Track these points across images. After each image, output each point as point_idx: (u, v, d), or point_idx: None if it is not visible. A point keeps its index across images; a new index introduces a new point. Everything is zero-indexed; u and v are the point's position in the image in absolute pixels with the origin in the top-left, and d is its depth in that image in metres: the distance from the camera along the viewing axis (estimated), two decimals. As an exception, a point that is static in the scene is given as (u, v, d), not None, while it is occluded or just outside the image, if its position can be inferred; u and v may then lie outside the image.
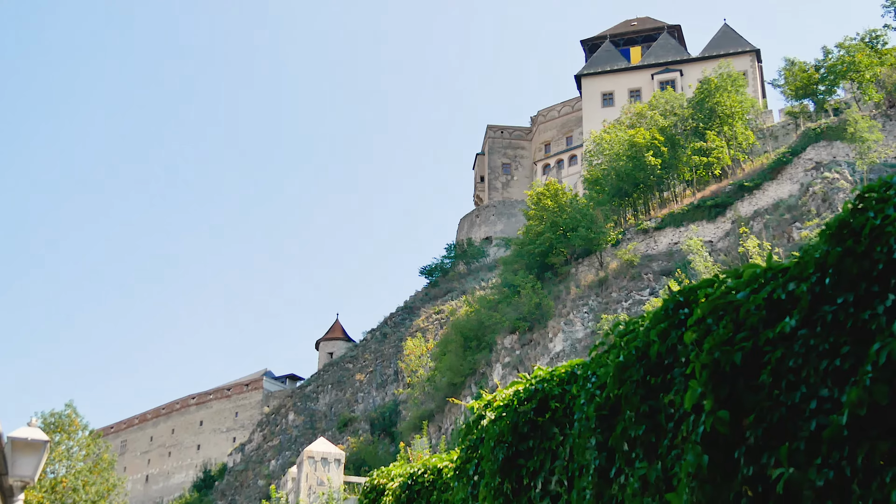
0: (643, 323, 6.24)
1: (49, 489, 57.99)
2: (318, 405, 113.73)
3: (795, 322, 4.73)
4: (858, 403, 4.10)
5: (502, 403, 8.39)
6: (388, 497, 12.13)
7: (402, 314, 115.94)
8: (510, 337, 77.56)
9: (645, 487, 5.80)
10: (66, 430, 62.33)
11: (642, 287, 71.57)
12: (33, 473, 13.78)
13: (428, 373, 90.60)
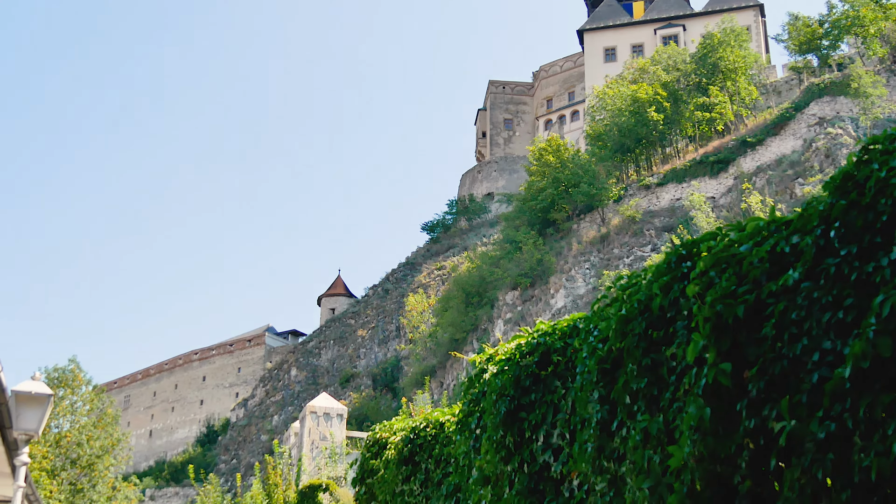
0: (645, 276, 6.22)
1: (53, 443, 58.31)
2: (321, 361, 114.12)
3: (799, 275, 4.72)
4: (861, 356, 4.09)
5: (504, 357, 8.40)
6: (391, 450, 12.18)
7: (403, 270, 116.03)
8: (512, 293, 77.65)
9: (646, 440, 5.81)
10: (70, 384, 62.57)
11: (644, 243, 71.53)
12: (37, 427, 13.84)
13: (430, 329, 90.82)
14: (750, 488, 4.84)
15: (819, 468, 4.26)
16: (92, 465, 59.23)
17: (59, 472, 57.66)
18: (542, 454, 7.68)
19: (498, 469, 8.20)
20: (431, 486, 10.91)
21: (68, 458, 58.71)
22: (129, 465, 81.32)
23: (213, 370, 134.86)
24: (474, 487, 8.85)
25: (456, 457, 9.97)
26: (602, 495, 6.51)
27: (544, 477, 7.73)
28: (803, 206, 5.05)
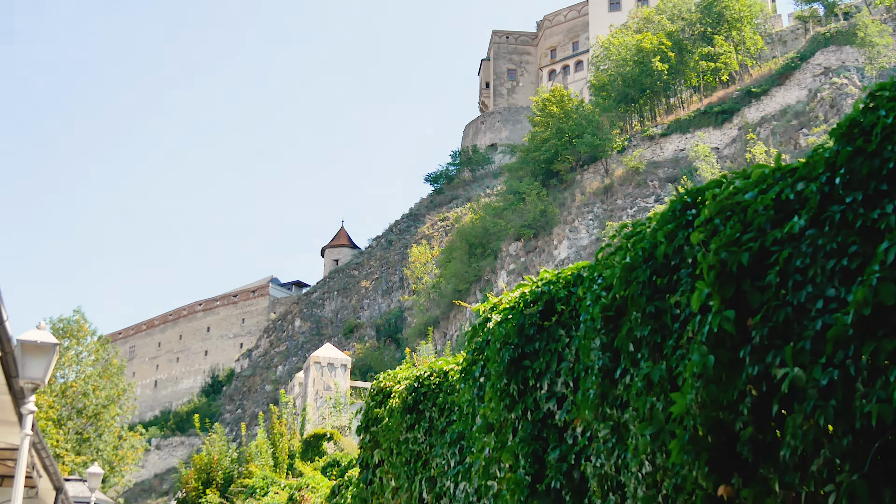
0: (650, 224, 6.22)
1: (59, 393, 58.65)
2: (324, 312, 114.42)
3: (803, 222, 4.72)
4: (864, 303, 4.10)
5: (508, 306, 8.42)
6: (395, 399, 12.24)
7: (407, 221, 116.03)
8: (515, 244, 77.67)
9: (649, 387, 5.84)
10: (75, 335, 62.83)
11: (648, 194, 71.43)
12: (43, 376, 13.90)
13: (433, 280, 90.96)
14: (752, 435, 4.87)
15: (821, 414, 4.29)
16: (98, 414, 59.66)
17: (65, 421, 58.08)
18: (545, 402, 7.72)
19: (501, 417, 8.25)
20: (435, 434, 10.98)
21: (74, 407, 59.10)
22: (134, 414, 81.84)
23: (217, 321, 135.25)
24: (478, 435, 8.91)
25: (460, 405, 10.02)
26: (605, 442, 6.55)
27: (547, 424, 7.78)
28: (809, 154, 5.04)
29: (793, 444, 4.46)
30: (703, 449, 5.19)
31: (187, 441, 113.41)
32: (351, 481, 16.28)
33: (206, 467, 47.27)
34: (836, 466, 4.33)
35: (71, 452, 56.07)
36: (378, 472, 13.12)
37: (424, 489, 11.19)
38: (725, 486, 5.29)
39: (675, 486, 5.66)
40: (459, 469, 10.04)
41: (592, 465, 6.84)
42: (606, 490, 6.67)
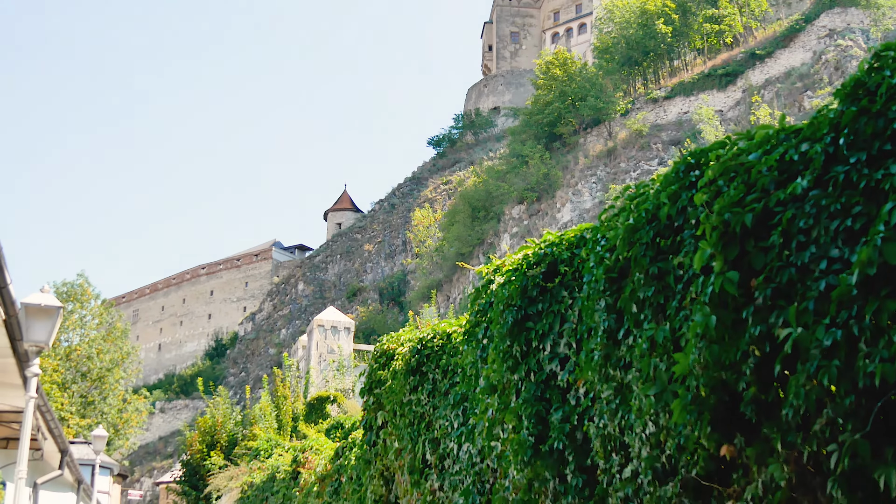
0: (653, 185, 6.21)
1: (64, 357, 58.88)
2: (327, 275, 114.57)
3: (807, 182, 4.71)
4: (868, 263, 4.10)
5: (511, 268, 8.42)
6: (398, 361, 12.27)
7: (409, 185, 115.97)
8: (518, 207, 77.65)
9: (653, 348, 5.85)
10: (79, 299, 63.02)
11: (651, 157, 71.31)
12: (48, 338, 13.95)
13: (436, 243, 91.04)
14: (754, 395, 4.89)
15: (824, 374, 4.30)
16: (102, 378, 59.94)
17: (69, 384, 58.36)
18: (548, 363, 7.74)
19: (505, 378, 8.28)
20: (439, 396, 11.02)
21: (79, 371, 59.36)
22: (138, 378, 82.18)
23: (220, 284, 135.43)
24: (481, 396, 8.94)
25: (463, 367, 10.05)
26: (608, 403, 6.58)
27: (550, 386, 7.81)
28: (813, 115, 5.02)
29: (795, 403, 4.48)
30: (706, 409, 5.21)
31: (191, 404, 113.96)
32: (355, 443, 16.35)
33: (211, 430, 47.50)
34: (839, 426, 4.35)
35: (76, 415, 56.38)
36: (382, 434, 13.19)
37: (428, 450, 11.24)
38: (728, 446, 5.32)
39: (678, 446, 5.69)
40: (463, 430, 10.08)
41: (595, 425, 6.87)
42: (609, 450, 6.70)
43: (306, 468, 21.51)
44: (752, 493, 5.17)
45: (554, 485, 7.68)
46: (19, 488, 14.39)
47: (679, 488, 5.84)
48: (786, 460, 4.82)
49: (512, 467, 8.20)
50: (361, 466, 14.74)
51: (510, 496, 8.49)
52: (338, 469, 17.53)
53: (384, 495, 13.29)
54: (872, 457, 4.23)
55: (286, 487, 23.53)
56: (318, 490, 19.10)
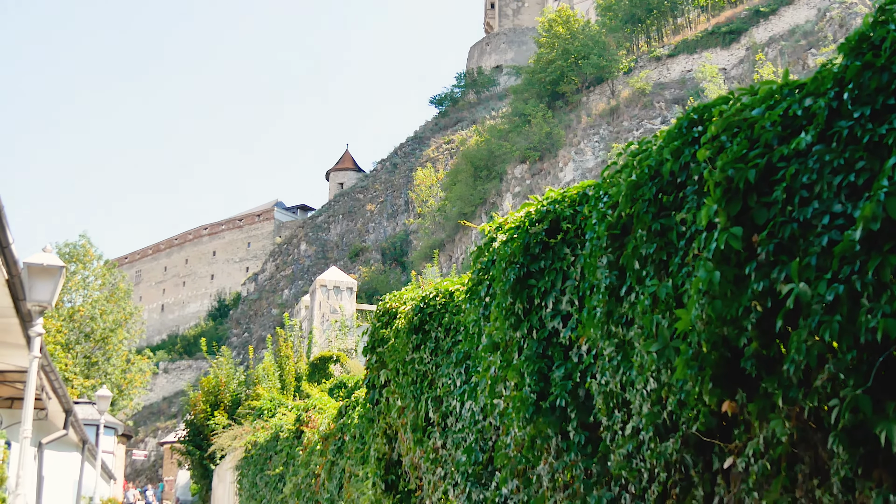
0: (656, 142, 6.19)
1: (67, 318, 59.08)
2: (330, 235, 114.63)
3: (811, 138, 4.69)
4: (872, 218, 4.08)
5: (514, 225, 8.41)
6: (401, 320, 12.29)
7: (412, 144, 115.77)
8: (520, 166, 77.57)
9: (655, 304, 5.86)
10: (81, 259, 63.14)
11: (654, 115, 71.10)
12: (50, 298, 13.99)
13: (438, 203, 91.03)
14: (756, 350, 4.89)
15: (826, 330, 4.30)
16: (105, 338, 60.16)
17: (73, 345, 58.59)
18: (550, 320, 7.74)
19: (507, 336, 8.28)
20: (441, 354, 11.04)
21: (82, 332, 59.58)
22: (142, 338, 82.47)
23: (222, 245, 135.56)
24: (484, 354, 8.96)
25: (465, 325, 10.07)
26: (610, 360, 6.59)
27: (553, 343, 7.82)
28: (817, 70, 4.99)
29: (797, 359, 4.48)
30: (708, 365, 5.22)
31: (195, 364, 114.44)
32: (358, 402, 16.41)
33: (214, 390, 47.75)
34: (840, 381, 4.35)
35: (79, 376, 56.65)
36: (384, 393, 13.23)
37: (430, 408, 11.28)
38: (730, 402, 5.33)
39: (680, 402, 5.70)
40: (465, 388, 10.11)
41: (597, 382, 6.88)
42: (612, 407, 6.72)
43: (309, 427, 21.61)
44: (754, 449, 5.19)
45: (556, 441, 7.71)
46: (24, 448, 14.47)
47: (680, 444, 5.87)
48: (787, 416, 4.83)
49: (514, 424, 8.23)
50: (364, 425, 14.80)
51: (512, 453, 8.53)
52: (341, 428, 17.62)
53: (387, 453, 13.36)
54: (873, 412, 4.23)
55: (289, 446, 23.66)
56: (321, 449, 19.21)
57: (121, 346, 61.88)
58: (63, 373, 52.51)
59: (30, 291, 13.74)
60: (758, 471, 5.18)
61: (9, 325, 14.97)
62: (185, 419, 53.40)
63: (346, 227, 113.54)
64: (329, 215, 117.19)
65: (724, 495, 5.71)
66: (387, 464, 13.36)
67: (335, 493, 17.62)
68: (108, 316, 60.89)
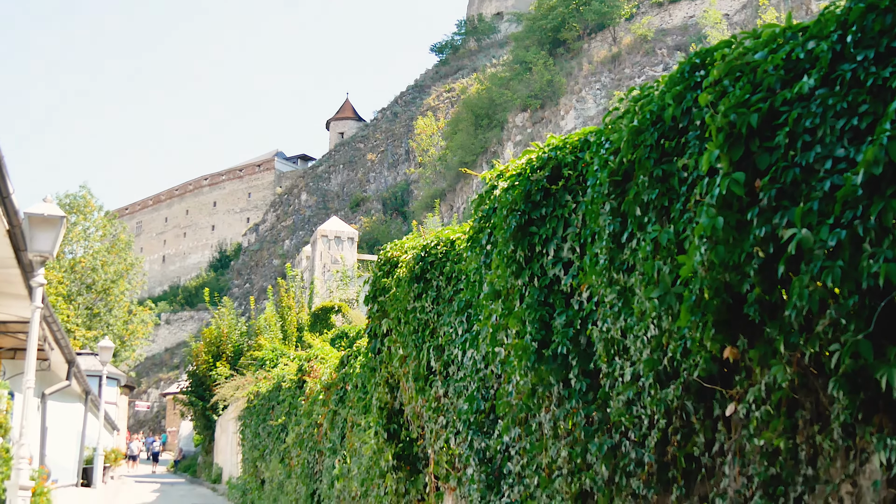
0: (658, 87, 6.14)
1: (68, 269, 59.22)
2: (330, 185, 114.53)
3: (814, 81, 4.64)
4: (874, 162, 4.05)
5: (515, 172, 8.37)
6: (402, 269, 12.28)
7: (412, 93, 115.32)
8: (521, 115, 77.29)
9: (656, 251, 5.84)
10: (82, 211, 63.16)
11: (656, 63, 70.74)
12: (52, 248, 13.99)
13: (439, 152, 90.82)
14: (758, 296, 4.88)
15: (828, 275, 4.28)
16: (107, 289, 60.36)
17: (74, 297, 58.80)
18: (552, 268, 7.73)
19: (508, 284, 8.28)
20: (443, 303, 11.04)
21: (83, 283, 59.77)
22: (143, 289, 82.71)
23: (223, 196, 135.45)
24: (485, 302, 8.96)
25: (467, 273, 10.06)
26: (611, 307, 6.58)
27: (554, 290, 7.81)
28: (821, 12, 4.94)
29: (799, 304, 4.47)
30: (709, 311, 5.21)
31: (196, 315, 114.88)
32: (359, 351, 16.45)
33: (216, 341, 47.97)
34: (842, 326, 4.35)
35: (82, 328, 56.88)
36: (386, 342, 13.26)
37: (432, 357, 11.31)
38: (731, 348, 5.33)
39: (681, 348, 5.70)
40: (467, 337, 10.12)
41: (599, 329, 6.88)
42: (612, 354, 6.73)
43: (312, 377, 21.71)
44: (755, 395, 5.20)
45: (558, 389, 7.73)
46: (27, 398, 14.53)
47: (681, 391, 5.88)
48: (788, 361, 4.84)
49: (516, 372, 8.25)
50: (366, 374, 14.85)
51: (514, 401, 8.56)
52: (343, 377, 17.68)
53: (389, 402, 13.41)
54: (874, 357, 4.23)
55: (292, 396, 23.77)
56: (323, 399, 19.30)
57: (122, 298, 62.08)
58: (65, 324, 52.69)
59: (31, 242, 13.74)
60: (759, 417, 5.20)
61: (10, 276, 14.99)
62: (187, 370, 53.71)
63: (346, 176, 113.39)
64: (330, 165, 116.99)
65: (724, 441, 5.73)
66: (389, 413, 13.42)
67: (337, 442, 17.73)
68: (110, 267, 61.03)
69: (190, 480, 53.26)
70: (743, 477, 5.53)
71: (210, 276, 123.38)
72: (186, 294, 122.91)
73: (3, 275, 15.02)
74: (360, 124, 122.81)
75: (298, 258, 60.93)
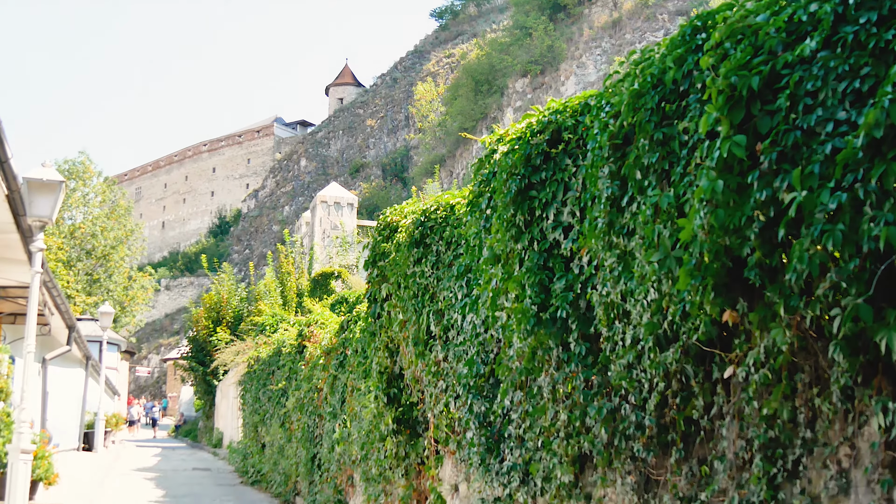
0: (659, 50, 6.11)
1: (68, 235, 59.23)
2: (330, 151, 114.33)
3: (815, 44, 4.62)
4: (875, 124, 4.04)
5: (515, 136, 8.34)
6: (402, 233, 12.28)
7: (412, 58, 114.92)
8: (521, 80, 77.03)
9: (657, 214, 5.83)
10: (81, 176, 63.12)
11: (657, 28, 70.44)
12: (51, 213, 13.97)
13: (439, 118, 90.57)
14: (758, 260, 4.88)
15: (828, 238, 4.28)
16: (107, 255, 60.43)
17: (74, 263, 58.88)
18: (552, 232, 7.72)
19: (508, 248, 8.27)
20: (442, 268, 11.04)
21: (83, 249, 59.82)
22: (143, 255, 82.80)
23: (222, 161, 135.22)
24: (484, 267, 8.96)
25: (466, 238, 10.05)
26: (611, 271, 6.58)
27: (554, 254, 7.80)
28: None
29: (799, 268, 4.47)
30: (709, 275, 5.21)
31: (196, 281, 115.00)
32: (359, 316, 16.48)
33: (216, 306, 48.06)
34: (842, 290, 4.35)
35: (82, 293, 56.99)
36: (386, 306, 13.27)
37: (432, 322, 11.32)
38: (731, 312, 5.34)
39: (681, 312, 5.71)
40: (467, 301, 10.13)
41: (598, 293, 6.89)
42: (612, 318, 6.73)
43: (312, 342, 21.75)
44: (754, 358, 5.21)
45: (557, 353, 7.75)
46: (28, 363, 14.57)
47: (680, 354, 5.89)
48: (788, 325, 4.84)
49: (515, 336, 8.26)
50: (366, 339, 14.88)
51: (514, 365, 8.58)
52: (343, 342, 17.72)
53: (389, 367, 13.45)
54: (874, 320, 4.24)
55: (292, 361, 23.84)
56: (323, 363, 19.35)
57: (122, 264, 62.16)
58: (65, 290, 52.75)
59: (30, 206, 13.73)
60: (758, 380, 5.21)
61: (9, 241, 14.99)
62: (187, 336, 53.84)
63: (346, 142, 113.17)
64: (329, 131, 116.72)
65: (723, 405, 5.75)
66: (388, 377, 13.45)
67: (337, 406, 17.79)
68: (109, 233, 61.06)
69: (191, 445, 53.53)
70: (742, 440, 5.55)
71: (210, 242, 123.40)
72: (186, 260, 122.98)
73: (3, 240, 15.03)
74: (359, 90, 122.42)
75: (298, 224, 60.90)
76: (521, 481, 8.80)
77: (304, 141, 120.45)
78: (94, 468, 27.52)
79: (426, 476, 12.48)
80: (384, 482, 14.23)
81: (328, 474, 18.77)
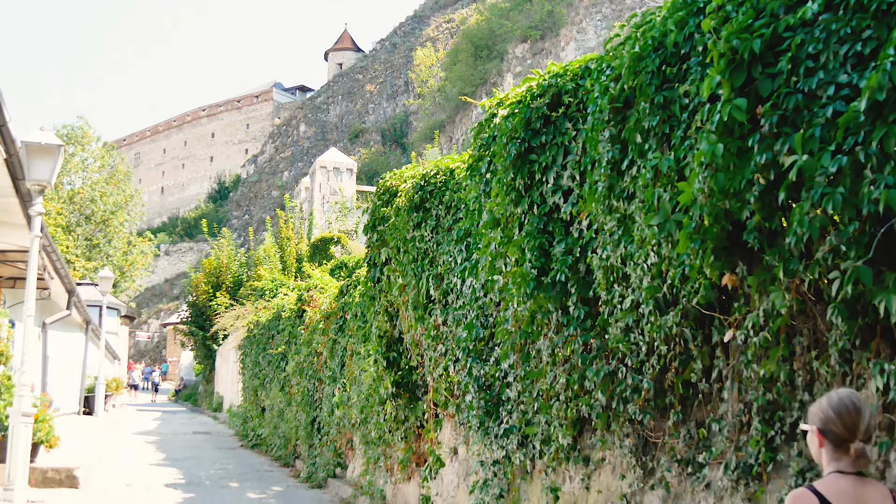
0: (660, 13, 6.08)
1: (67, 200, 59.15)
2: (329, 116, 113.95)
3: (817, 7, 4.61)
4: (877, 88, 4.03)
5: (515, 100, 8.32)
6: (401, 198, 12.27)
7: (411, 23, 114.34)
8: (521, 46, 76.67)
9: (657, 178, 5.83)
10: (80, 142, 62.96)
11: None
12: (50, 177, 13.95)
13: (438, 83, 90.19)
14: (758, 223, 4.89)
15: (828, 202, 4.28)
16: (106, 221, 60.35)
17: (74, 228, 58.80)
18: (551, 196, 7.72)
19: (507, 212, 8.27)
20: (442, 232, 11.05)
21: (83, 214, 59.74)
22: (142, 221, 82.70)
23: (221, 127, 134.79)
24: (484, 231, 8.96)
25: (466, 202, 10.05)
26: (611, 234, 6.58)
27: (553, 218, 7.81)
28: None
29: (799, 231, 4.47)
30: (709, 238, 5.22)
31: (196, 247, 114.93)
32: (359, 281, 16.50)
33: (216, 271, 48.10)
34: (842, 253, 4.36)
35: (81, 258, 56.95)
36: (385, 271, 13.29)
37: (432, 286, 11.34)
38: (730, 275, 5.35)
39: (680, 275, 5.72)
40: (466, 265, 10.14)
41: (598, 257, 6.90)
42: (612, 281, 6.74)
43: (311, 307, 21.78)
44: (753, 321, 5.23)
45: (556, 316, 7.76)
46: (28, 327, 14.59)
47: (680, 317, 5.91)
48: (787, 288, 4.86)
49: (514, 300, 8.27)
50: (366, 303, 14.90)
51: (513, 328, 8.60)
52: (342, 307, 17.74)
53: (388, 331, 13.48)
54: (873, 283, 4.25)
55: (292, 326, 23.88)
56: (323, 328, 19.38)
57: (121, 229, 62.11)
58: (65, 255, 52.73)
59: (28, 170, 13.71)
60: (757, 343, 5.23)
61: (8, 206, 14.98)
62: (187, 301, 53.90)
63: (345, 108, 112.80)
64: (328, 96, 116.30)
65: (722, 368, 5.77)
66: (388, 341, 13.49)
67: (337, 370, 17.85)
68: (108, 198, 60.98)
69: (191, 409, 53.71)
70: (740, 402, 5.58)
71: (209, 207, 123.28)
72: (185, 225, 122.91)
73: (2, 204, 15.01)
74: (358, 55, 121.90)
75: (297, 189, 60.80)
76: (519, 444, 8.85)
77: (303, 106, 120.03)
78: (95, 431, 27.63)
79: (425, 439, 12.53)
80: (384, 445, 14.30)
81: (328, 438, 18.86)
